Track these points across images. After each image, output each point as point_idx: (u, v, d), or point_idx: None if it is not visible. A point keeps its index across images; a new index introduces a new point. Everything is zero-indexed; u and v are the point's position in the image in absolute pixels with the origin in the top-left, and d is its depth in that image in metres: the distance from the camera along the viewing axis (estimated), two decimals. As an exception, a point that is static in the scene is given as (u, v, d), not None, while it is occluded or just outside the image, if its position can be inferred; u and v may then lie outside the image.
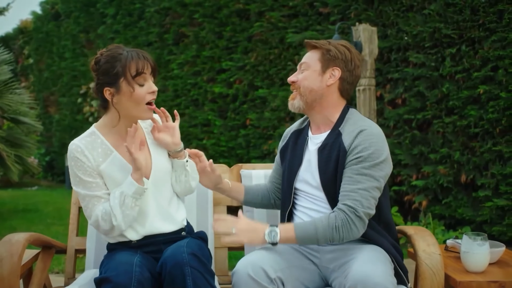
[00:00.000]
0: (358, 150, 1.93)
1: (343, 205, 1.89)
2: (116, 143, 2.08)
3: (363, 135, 1.96)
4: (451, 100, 4.28)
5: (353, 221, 1.87)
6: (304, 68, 2.10)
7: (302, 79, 2.08)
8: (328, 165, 1.99)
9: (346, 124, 2.04)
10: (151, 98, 2.02)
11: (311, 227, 1.90)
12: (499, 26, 3.96)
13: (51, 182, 11.21)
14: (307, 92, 2.07)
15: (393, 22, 4.71)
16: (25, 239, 2.04)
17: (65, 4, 10.20)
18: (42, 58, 11.43)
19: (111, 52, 2.00)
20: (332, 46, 2.07)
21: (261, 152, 6.04)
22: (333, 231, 1.87)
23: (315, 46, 2.10)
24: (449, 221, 4.49)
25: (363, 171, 1.91)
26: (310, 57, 2.10)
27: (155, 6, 7.49)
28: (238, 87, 6.23)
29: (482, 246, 2.03)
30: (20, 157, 5.94)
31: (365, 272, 1.73)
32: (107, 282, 1.81)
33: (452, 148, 4.33)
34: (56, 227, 5.40)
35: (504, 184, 3.99)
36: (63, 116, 10.63)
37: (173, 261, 1.86)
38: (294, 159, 2.15)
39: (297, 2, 5.53)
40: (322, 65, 2.06)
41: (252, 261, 1.89)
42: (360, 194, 1.89)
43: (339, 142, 1.99)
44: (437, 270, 1.94)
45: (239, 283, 1.86)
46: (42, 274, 2.26)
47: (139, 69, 1.97)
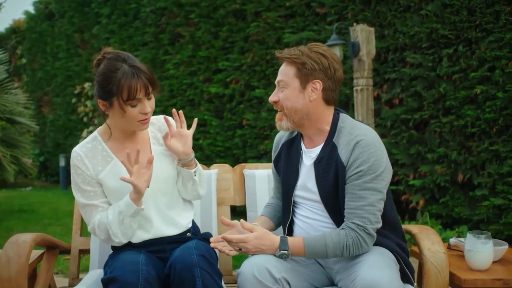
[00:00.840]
0: (357, 164, 1.89)
1: (352, 224, 1.88)
2: (117, 147, 2.08)
3: (360, 147, 1.91)
4: (448, 100, 4.31)
5: (363, 239, 1.88)
6: (282, 86, 1.99)
7: (283, 99, 1.98)
8: (327, 178, 1.96)
9: (340, 135, 1.97)
10: (144, 118, 1.97)
11: (321, 243, 1.89)
12: (495, 26, 4.00)
13: (45, 183, 11.17)
14: (292, 113, 1.98)
15: (390, 23, 4.73)
16: (32, 239, 2.04)
17: (59, 4, 10.17)
18: (36, 58, 11.39)
19: (109, 65, 1.94)
20: (306, 58, 1.95)
21: (257, 152, 6.06)
22: (343, 249, 1.88)
23: (288, 60, 1.98)
24: (446, 220, 4.52)
25: (366, 186, 1.89)
26: (286, 73, 1.98)
27: (151, 6, 7.48)
28: (235, 87, 6.24)
29: (486, 244, 2.06)
30: (16, 157, 5.92)
31: (373, 278, 1.74)
32: (114, 282, 1.82)
33: (449, 148, 4.36)
34: (53, 227, 5.38)
35: (501, 183, 4.03)
36: (57, 116, 10.59)
37: (182, 263, 1.86)
38: (289, 173, 2.10)
39: (294, 3, 5.55)
40: (301, 81, 1.96)
41: (257, 262, 1.88)
42: (366, 210, 1.88)
43: (335, 157, 1.94)
44: (442, 268, 1.96)
45: (245, 284, 1.86)
46: (47, 274, 2.26)
47: (131, 94, 1.91)
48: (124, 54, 1.98)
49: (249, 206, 2.54)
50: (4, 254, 1.95)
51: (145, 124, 2.01)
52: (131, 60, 1.96)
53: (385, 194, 1.93)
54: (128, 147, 2.04)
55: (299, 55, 1.96)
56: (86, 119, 9.61)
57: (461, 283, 2.00)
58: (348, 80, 4.93)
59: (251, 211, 2.52)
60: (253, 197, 2.54)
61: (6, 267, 1.92)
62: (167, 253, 2.08)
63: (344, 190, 1.93)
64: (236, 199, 2.58)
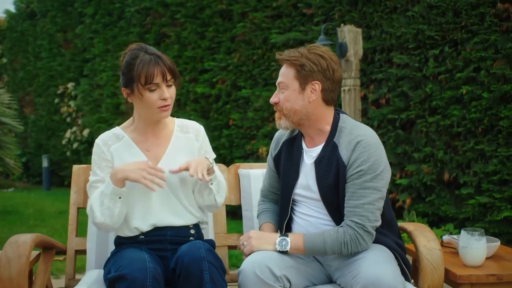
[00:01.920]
0: (358, 164, 1.94)
1: (351, 222, 1.93)
2: (138, 138, 2.18)
3: (360, 147, 1.95)
4: (434, 100, 4.38)
5: (361, 236, 1.92)
6: (282, 87, 2.05)
7: (283, 100, 2.04)
8: (327, 177, 2.00)
9: (341, 135, 2.01)
10: (163, 104, 2.06)
11: (320, 239, 1.94)
12: (481, 28, 4.07)
13: (26, 184, 11.05)
14: (291, 114, 2.03)
15: (377, 24, 4.79)
16: (32, 240, 2.04)
17: (41, 3, 10.08)
18: (17, 57, 11.27)
19: (130, 55, 2.08)
20: (305, 59, 2.00)
21: (244, 152, 6.08)
22: (341, 245, 1.93)
23: (287, 62, 2.03)
24: (432, 218, 4.59)
25: (366, 185, 1.93)
26: (286, 75, 2.04)
27: (136, 6, 7.46)
28: (221, 87, 6.26)
29: (479, 241, 2.11)
30: (1, 159, 5.85)
31: (376, 273, 1.79)
32: (122, 280, 1.83)
33: (435, 147, 4.44)
34: (39, 228, 5.34)
35: (486, 182, 4.11)
36: (39, 117, 10.49)
37: (190, 256, 1.89)
38: (289, 171, 2.13)
39: (281, 3, 5.59)
40: (300, 82, 2.01)
41: (258, 260, 1.92)
42: (366, 208, 1.92)
43: (336, 156, 1.98)
44: (438, 265, 2.01)
45: (246, 282, 1.89)
46: (44, 275, 2.26)
47: (148, 78, 2.02)
48: (146, 45, 2.11)
49: (244, 205, 2.57)
50: (4, 255, 1.95)
51: (164, 112, 2.08)
52: (152, 50, 2.09)
53: (384, 193, 1.97)
54: (149, 140, 2.16)
55: (298, 57, 2.00)
56: (69, 119, 9.54)
57: (456, 279, 2.05)
58: (335, 81, 4.98)
59: (247, 210, 2.55)
60: (248, 197, 2.56)
61: (6, 267, 1.92)
62: (168, 252, 2.10)
63: (344, 189, 1.97)
64: (231, 199, 2.60)
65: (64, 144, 9.51)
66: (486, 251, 2.14)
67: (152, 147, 2.18)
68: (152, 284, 1.83)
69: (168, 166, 2.12)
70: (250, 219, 2.52)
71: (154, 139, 2.18)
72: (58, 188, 9.94)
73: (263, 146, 5.72)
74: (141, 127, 2.18)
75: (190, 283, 1.87)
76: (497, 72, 3.98)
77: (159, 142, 2.19)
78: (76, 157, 9.27)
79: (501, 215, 3.99)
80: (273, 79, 5.69)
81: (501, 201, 4.02)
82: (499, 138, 4.02)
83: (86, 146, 9.01)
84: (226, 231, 2.54)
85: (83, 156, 9.05)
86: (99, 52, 8.46)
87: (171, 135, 2.21)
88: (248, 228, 2.51)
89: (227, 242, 2.50)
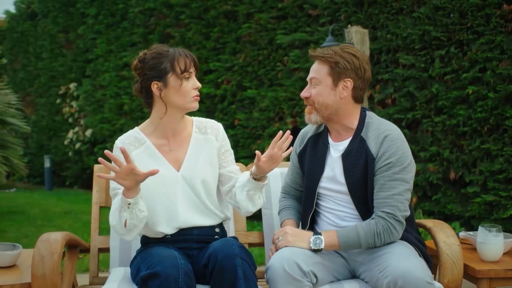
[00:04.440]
0: (387, 156, 2.04)
1: (382, 212, 2.01)
2: (158, 142, 2.18)
3: (388, 141, 2.06)
4: (440, 100, 4.44)
5: (393, 226, 2.00)
6: (315, 83, 2.14)
7: (315, 94, 2.14)
8: (355, 170, 2.08)
9: (369, 130, 2.11)
10: (196, 93, 2.15)
11: (353, 233, 2.01)
12: (486, 29, 4.14)
13: (28, 184, 11.06)
14: (322, 108, 2.13)
15: (383, 25, 4.86)
16: (62, 238, 2.09)
17: (42, 4, 10.09)
18: (17, 58, 11.27)
19: (157, 50, 2.13)
20: (339, 57, 2.09)
21: (249, 152, 6.13)
22: (374, 237, 2.00)
23: (321, 59, 2.13)
24: (438, 217, 4.65)
25: (395, 177, 2.02)
26: (319, 71, 2.13)
27: (139, 6, 7.50)
28: (226, 87, 6.30)
29: (497, 237, 2.17)
30: (7, 159, 5.88)
31: (405, 266, 1.85)
32: (155, 277, 1.87)
33: (441, 147, 4.50)
34: (48, 228, 5.37)
35: (492, 180, 4.18)
36: (40, 117, 10.51)
37: (224, 253, 1.93)
38: (314, 166, 2.20)
39: (286, 4, 5.64)
40: (333, 79, 2.11)
41: (286, 256, 1.97)
42: (396, 199, 2.01)
43: (365, 148, 2.07)
44: (457, 260, 2.08)
45: (275, 277, 1.94)
46: (71, 273, 2.30)
47: (187, 66, 2.10)
48: (164, 45, 2.18)
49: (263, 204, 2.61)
50: (37, 252, 1.99)
51: (197, 101, 2.17)
52: (172, 47, 2.17)
53: (411, 185, 2.06)
54: (170, 143, 2.18)
55: (332, 54, 2.10)
56: (71, 119, 9.56)
57: (475, 274, 2.11)
58: (342, 81, 5.04)
59: (266, 208, 2.60)
60: (268, 195, 2.60)
61: (40, 265, 1.96)
62: (194, 251, 2.15)
63: (373, 182, 2.05)
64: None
65: (66, 145, 9.53)
66: (503, 246, 2.20)
67: (174, 151, 2.19)
68: (184, 280, 1.88)
69: (190, 169, 2.16)
70: (269, 217, 2.57)
71: (174, 142, 2.20)
72: (60, 188, 9.96)
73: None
74: (161, 129, 2.19)
75: (223, 279, 1.90)
76: (502, 73, 4.05)
77: (179, 145, 2.21)
78: (78, 157, 9.30)
79: (507, 213, 4.06)
80: (278, 80, 5.74)
81: (507, 199, 4.08)
82: (504, 137, 4.09)
83: (89, 146, 9.03)
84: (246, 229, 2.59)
85: (86, 156, 9.07)
86: (102, 53, 8.49)
87: (190, 137, 2.23)
88: (268, 226, 2.56)
89: (247, 240, 2.55)
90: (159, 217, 2.14)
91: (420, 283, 1.83)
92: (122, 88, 8.10)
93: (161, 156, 2.17)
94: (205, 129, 2.26)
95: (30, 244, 4.17)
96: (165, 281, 1.85)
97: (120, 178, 1.91)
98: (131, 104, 7.92)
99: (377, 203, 2.03)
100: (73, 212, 6.68)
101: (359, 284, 2.09)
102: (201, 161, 2.18)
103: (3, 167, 5.75)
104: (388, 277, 1.86)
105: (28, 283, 2.00)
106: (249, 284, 1.91)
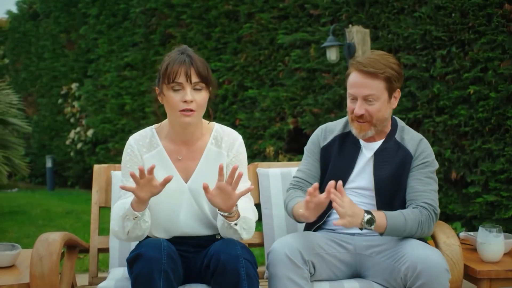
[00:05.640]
0: (424, 156, 2.12)
1: (424, 203, 2.06)
2: (169, 148, 2.11)
3: (424, 143, 2.16)
4: (442, 100, 4.43)
5: (433, 219, 2.06)
6: (373, 99, 2.09)
7: (375, 111, 2.09)
8: (387, 167, 2.12)
9: (403, 133, 2.19)
10: (184, 107, 1.96)
11: (401, 218, 2.01)
12: (488, 29, 4.13)
13: (29, 184, 11.08)
14: (380, 122, 2.14)
15: (384, 24, 4.85)
16: (61, 238, 2.08)
17: (44, 4, 10.11)
18: (19, 58, 11.30)
19: (171, 52, 2.04)
20: (391, 71, 2.09)
21: (251, 152, 6.12)
22: (418, 225, 2.03)
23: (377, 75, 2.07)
24: (440, 217, 4.58)
25: (431, 175, 2.11)
26: (376, 87, 2.08)
27: (141, 6, 7.50)
28: (228, 87, 6.30)
29: (497, 237, 2.16)
30: (8, 159, 5.89)
31: (424, 253, 1.90)
32: (139, 258, 1.87)
33: (442, 147, 4.49)
34: (49, 228, 5.37)
35: (494, 181, 4.16)
36: (42, 117, 10.52)
37: (227, 253, 1.91)
38: (342, 165, 2.19)
39: (288, 4, 5.63)
40: (389, 93, 2.12)
41: (289, 242, 2.01)
42: (433, 194, 2.09)
43: (402, 147, 2.13)
44: (457, 260, 2.07)
45: (275, 260, 1.97)
46: (70, 273, 2.30)
47: (171, 76, 1.96)
48: (188, 48, 2.04)
49: (263, 204, 2.60)
50: (36, 252, 1.99)
51: (186, 117, 1.98)
52: (188, 51, 2.02)
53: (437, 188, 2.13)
54: (182, 152, 2.10)
55: (385, 68, 2.08)
56: (73, 119, 9.57)
57: (475, 274, 2.10)
58: (343, 81, 5.03)
59: (266, 208, 2.58)
60: (268, 195, 2.60)
61: (38, 265, 1.96)
62: (190, 254, 2.13)
63: (407, 178, 2.10)
64: (250, 198, 2.64)
65: (67, 145, 9.54)
66: (504, 247, 2.19)
67: (183, 160, 2.10)
68: (167, 261, 1.87)
69: (199, 183, 2.00)
70: (269, 217, 2.56)
71: (187, 151, 2.10)
72: (61, 188, 9.97)
73: (270, 146, 5.77)
74: (172, 135, 2.10)
75: (226, 279, 1.88)
76: (504, 72, 4.04)
77: (191, 155, 2.10)
78: (80, 157, 9.31)
79: (508, 213, 4.05)
80: (280, 80, 5.74)
81: (509, 200, 4.07)
82: (506, 137, 4.08)
83: (90, 146, 9.04)
84: (246, 229, 2.58)
85: (87, 156, 9.08)
86: (104, 53, 8.50)
87: (204, 148, 2.11)
88: (268, 226, 2.54)
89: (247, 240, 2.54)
90: (158, 225, 2.12)
91: (439, 269, 1.87)
92: (124, 88, 8.11)
93: (171, 165, 2.08)
94: (221, 142, 2.12)
95: (31, 244, 4.13)
96: (147, 262, 1.85)
97: (139, 190, 1.88)
98: (132, 104, 7.93)
99: (415, 196, 2.08)
100: (74, 212, 6.69)
101: (359, 284, 2.08)
102: (211, 176, 2.02)
103: (5, 167, 5.76)
104: (406, 263, 1.90)
105: (26, 283, 1.99)
106: (252, 285, 1.89)
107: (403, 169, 2.11)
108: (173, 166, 2.09)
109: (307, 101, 5.37)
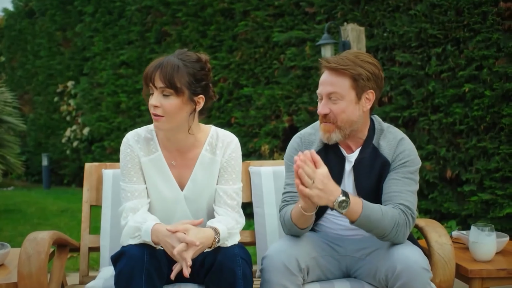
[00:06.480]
0: (402, 156, 1.98)
1: (400, 205, 1.91)
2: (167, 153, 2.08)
3: (403, 144, 2.00)
4: (437, 98, 4.42)
5: (410, 223, 1.92)
6: (336, 98, 1.95)
7: (338, 111, 1.95)
8: (368, 178, 2.00)
9: (381, 137, 2.02)
10: (152, 111, 1.94)
11: (378, 212, 1.87)
12: (483, 27, 4.12)
13: (25, 182, 11.05)
14: (347, 126, 1.97)
15: (380, 22, 4.83)
16: (50, 237, 2.06)
17: (40, 2, 10.07)
18: (15, 56, 11.25)
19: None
20: (361, 68, 1.92)
21: (246, 150, 6.10)
22: (394, 225, 1.88)
23: (341, 71, 1.93)
24: (434, 215, 4.63)
25: (409, 175, 1.97)
26: (339, 85, 1.93)
27: (136, 4, 7.48)
28: (223, 85, 6.28)
29: (490, 236, 2.15)
30: (3, 157, 5.87)
31: (404, 253, 1.85)
32: (122, 256, 1.87)
33: (437, 145, 4.48)
34: (43, 227, 5.36)
35: (489, 179, 4.15)
36: (38, 115, 10.49)
37: (223, 252, 1.90)
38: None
39: (283, 2, 5.62)
40: (357, 92, 1.94)
41: (285, 249, 1.95)
42: (410, 195, 1.95)
43: (379, 156, 1.99)
44: (449, 260, 2.05)
45: (271, 267, 1.91)
46: (60, 272, 2.28)
47: (145, 79, 1.96)
48: (181, 51, 1.99)
49: (255, 202, 2.58)
50: (23, 251, 1.97)
51: (155, 121, 1.96)
52: (180, 56, 1.95)
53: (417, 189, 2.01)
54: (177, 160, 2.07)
55: (352, 65, 1.92)
56: (69, 118, 9.54)
57: (467, 274, 2.09)
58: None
59: (258, 207, 2.57)
60: (260, 194, 2.58)
61: (26, 264, 1.94)
62: None
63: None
64: (242, 196, 2.62)
65: (63, 143, 9.51)
66: (496, 246, 2.17)
67: (178, 167, 2.06)
68: (148, 260, 1.86)
69: (193, 191, 2.04)
70: (261, 216, 2.54)
71: (181, 158, 2.07)
72: (57, 186, 9.95)
73: (266, 144, 5.75)
74: (166, 141, 2.07)
75: (221, 278, 1.87)
76: (499, 71, 4.03)
77: (185, 162, 2.07)
78: (76, 155, 9.28)
79: (503, 212, 4.04)
80: (275, 78, 5.72)
81: (504, 198, 4.07)
82: (501, 136, 4.07)
83: (86, 144, 9.01)
84: (237, 228, 2.56)
85: (83, 154, 9.05)
86: (99, 51, 8.47)
87: (198, 155, 2.07)
88: (260, 225, 2.52)
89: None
90: None
91: (418, 268, 1.81)
92: (120, 86, 8.09)
93: (168, 172, 2.05)
94: (216, 148, 2.07)
95: (24, 243, 4.14)
96: (129, 260, 1.84)
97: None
98: (128, 102, 7.91)
99: (391, 196, 1.93)
100: (69, 210, 6.67)
101: (350, 284, 2.07)
102: (205, 183, 2.05)
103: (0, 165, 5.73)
104: (386, 263, 1.87)
105: (14, 283, 1.97)
106: (247, 284, 1.89)
107: (383, 177, 1.98)
108: (170, 173, 2.07)
109: (303, 99, 5.35)
